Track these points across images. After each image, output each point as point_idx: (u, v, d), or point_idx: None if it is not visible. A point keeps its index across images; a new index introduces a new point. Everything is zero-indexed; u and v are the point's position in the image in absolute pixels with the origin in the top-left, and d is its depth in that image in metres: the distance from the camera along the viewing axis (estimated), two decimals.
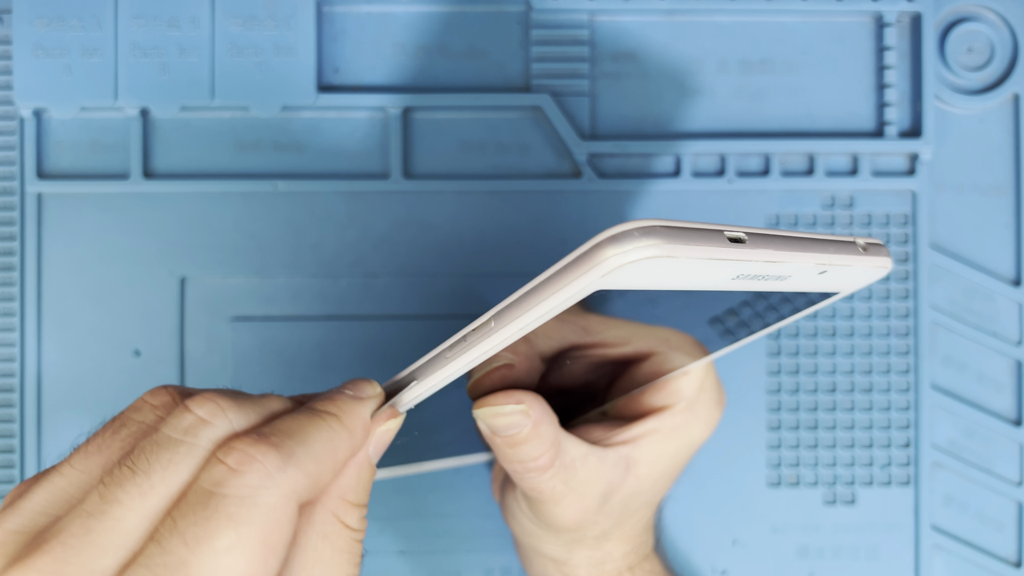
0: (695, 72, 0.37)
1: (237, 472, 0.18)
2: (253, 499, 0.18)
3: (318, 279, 0.36)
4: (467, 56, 0.37)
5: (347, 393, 0.22)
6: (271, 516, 0.18)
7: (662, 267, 0.17)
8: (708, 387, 0.29)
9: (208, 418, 0.19)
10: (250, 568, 0.17)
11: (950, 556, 0.37)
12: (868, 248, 0.21)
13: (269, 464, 0.18)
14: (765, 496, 0.37)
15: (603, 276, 0.17)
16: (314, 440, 0.19)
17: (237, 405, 0.20)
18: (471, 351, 0.20)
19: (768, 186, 0.37)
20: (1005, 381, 0.38)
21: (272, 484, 0.18)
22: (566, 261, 0.18)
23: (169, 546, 0.17)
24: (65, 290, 0.36)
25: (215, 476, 0.18)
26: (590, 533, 0.29)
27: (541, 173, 0.37)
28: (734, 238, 0.18)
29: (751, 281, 0.20)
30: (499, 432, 0.25)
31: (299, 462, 0.19)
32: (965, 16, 0.37)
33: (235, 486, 0.18)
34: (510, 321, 0.19)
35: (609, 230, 0.17)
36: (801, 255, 0.19)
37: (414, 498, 0.37)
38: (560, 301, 0.18)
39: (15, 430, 0.35)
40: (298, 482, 0.18)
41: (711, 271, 0.18)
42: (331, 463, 0.20)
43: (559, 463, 0.26)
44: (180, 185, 0.36)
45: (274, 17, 0.35)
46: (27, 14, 0.35)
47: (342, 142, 0.36)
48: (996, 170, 0.38)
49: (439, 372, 0.21)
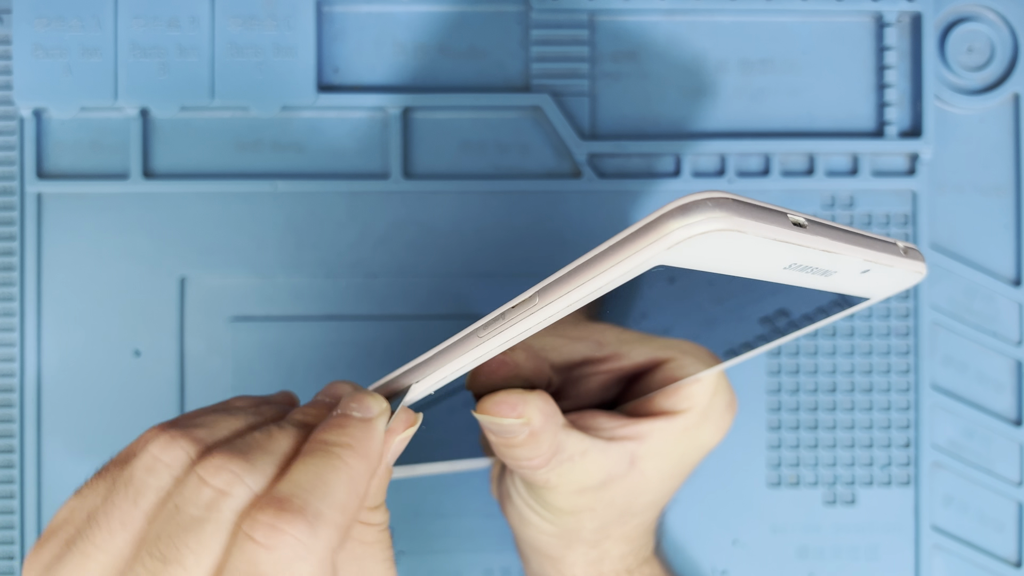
0: (695, 72, 0.37)
1: (269, 548, 0.18)
2: (291, 571, 0.18)
3: (318, 279, 0.36)
4: (467, 56, 0.37)
5: (355, 416, 0.21)
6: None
7: (726, 244, 0.16)
8: (721, 392, 0.29)
9: (226, 489, 0.19)
10: None
11: (950, 556, 0.37)
12: (907, 252, 0.21)
13: (299, 534, 0.18)
14: (765, 496, 0.37)
15: (668, 248, 0.16)
16: (336, 487, 0.19)
17: (250, 465, 0.19)
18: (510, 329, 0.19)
19: (768, 186, 0.37)
20: (1005, 381, 0.37)
21: (306, 551, 0.18)
22: (628, 232, 0.17)
23: None
24: (65, 290, 0.36)
25: (248, 555, 0.18)
26: (588, 523, 0.29)
27: (541, 173, 0.37)
28: (796, 222, 0.17)
29: (799, 273, 0.19)
30: (496, 434, 0.25)
31: (327, 520, 0.18)
32: (965, 16, 0.37)
33: (272, 562, 0.18)
34: (559, 296, 0.18)
35: (678, 200, 0.16)
36: (853, 248, 0.18)
37: (414, 498, 0.37)
38: (620, 274, 0.17)
39: (15, 430, 0.35)
40: (331, 539, 0.18)
41: (769, 255, 0.18)
42: (356, 502, 0.20)
43: (556, 460, 0.26)
44: (180, 185, 0.36)
45: (274, 17, 0.35)
46: (27, 14, 0.35)
47: (342, 142, 0.36)
48: (996, 170, 0.38)
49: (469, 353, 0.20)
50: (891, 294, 0.23)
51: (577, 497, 0.28)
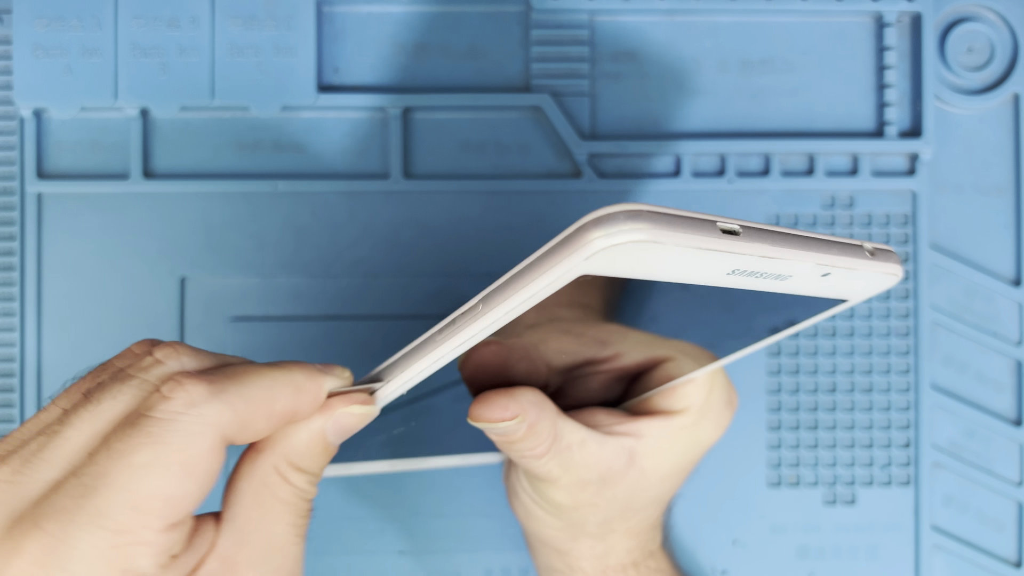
0: (695, 72, 0.37)
1: (165, 398, 0.19)
2: (174, 423, 0.19)
3: (318, 279, 0.36)
4: (467, 56, 0.37)
5: (316, 365, 0.22)
6: (190, 441, 0.19)
7: (649, 254, 0.17)
8: (718, 388, 0.29)
9: (163, 359, 0.21)
10: (164, 485, 0.19)
11: (950, 556, 0.37)
12: (876, 253, 0.20)
13: (195, 394, 0.19)
14: (765, 496, 0.37)
15: (587, 259, 0.17)
16: (251, 383, 0.20)
17: (194, 352, 0.21)
18: (460, 335, 0.20)
19: (768, 186, 0.37)
20: (1005, 381, 0.38)
21: (195, 412, 0.19)
22: (552, 244, 0.17)
23: (97, 458, 0.19)
24: (65, 290, 0.36)
25: (149, 401, 0.19)
26: (591, 518, 0.29)
27: (541, 173, 0.37)
28: (727, 230, 0.17)
29: (748, 279, 0.19)
30: (495, 434, 0.25)
31: (227, 399, 0.20)
32: (965, 16, 0.37)
33: (160, 410, 0.19)
34: (498, 304, 0.19)
35: (595, 212, 0.17)
36: (800, 253, 0.19)
37: (414, 498, 0.37)
38: (545, 284, 0.18)
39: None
40: (223, 416, 0.19)
41: (703, 263, 0.18)
42: (264, 409, 0.20)
43: (555, 448, 0.26)
44: (180, 185, 0.36)
45: (274, 17, 0.35)
46: (27, 14, 0.35)
47: (342, 142, 0.36)
48: (996, 170, 0.38)
49: (428, 356, 0.21)
50: (870, 295, 0.23)
51: (579, 492, 0.28)
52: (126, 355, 0.22)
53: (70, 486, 0.18)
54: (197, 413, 0.19)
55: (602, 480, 0.28)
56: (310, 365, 0.22)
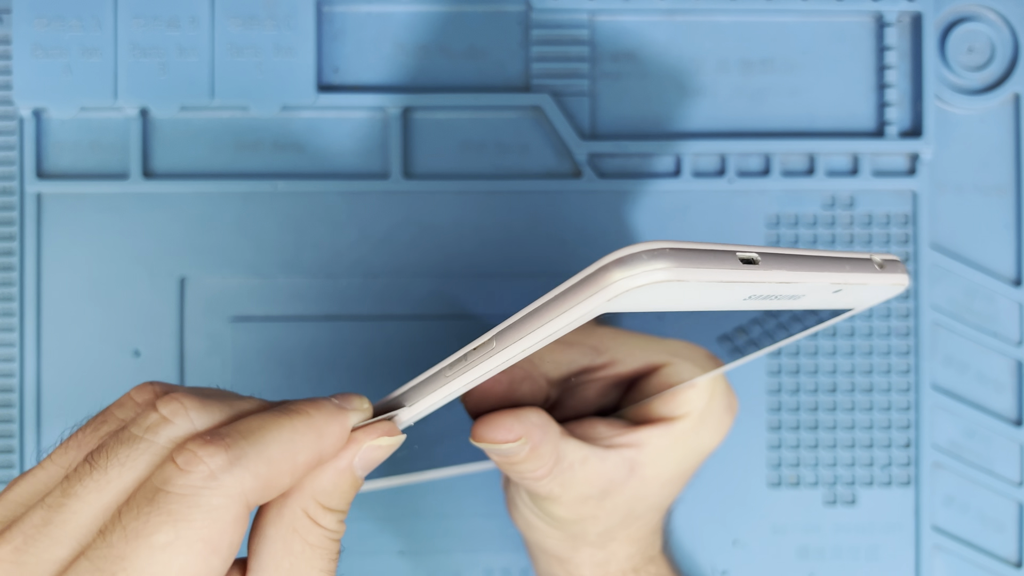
0: (695, 72, 0.37)
1: (183, 472, 0.18)
2: (195, 498, 0.18)
3: (318, 279, 0.36)
4: (467, 56, 0.37)
5: (332, 401, 0.21)
6: (213, 516, 0.18)
7: (672, 290, 0.17)
8: (718, 394, 0.29)
9: (170, 416, 0.19)
10: (188, 565, 0.17)
11: (951, 556, 0.37)
12: (885, 265, 0.20)
13: (214, 465, 0.18)
14: (765, 496, 0.37)
15: (609, 300, 0.16)
16: (271, 441, 0.19)
17: (202, 405, 0.20)
18: (471, 371, 0.20)
19: (768, 186, 0.37)
20: (1006, 381, 0.37)
21: (216, 485, 0.18)
22: (572, 282, 0.17)
23: (111, 539, 0.17)
24: (65, 290, 0.36)
25: (164, 474, 0.18)
26: (592, 529, 0.29)
27: (541, 173, 0.37)
28: (746, 259, 0.17)
29: (763, 301, 0.19)
30: (497, 455, 0.25)
31: (247, 464, 0.18)
32: (965, 16, 0.37)
33: (179, 485, 0.18)
34: (513, 342, 0.18)
35: (616, 252, 0.16)
36: (816, 275, 0.18)
37: (414, 498, 0.37)
38: (565, 324, 0.17)
39: (14, 430, 0.35)
40: (245, 484, 0.18)
41: (723, 292, 0.18)
42: (288, 465, 0.19)
43: (557, 469, 0.26)
44: (180, 185, 0.36)
45: (274, 17, 0.35)
46: (27, 14, 0.35)
47: (342, 142, 0.36)
48: (996, 170, 0.38)
49: (438, 392, 0.21)
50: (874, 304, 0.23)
51: (580, 506, 0.28)
52: (126, 404, 0.20)
53: (83, 570, 0.17)
54: (217, 485, 0.18)
55: (603, 493, 0.27)
56: (327, 403, 0.21)
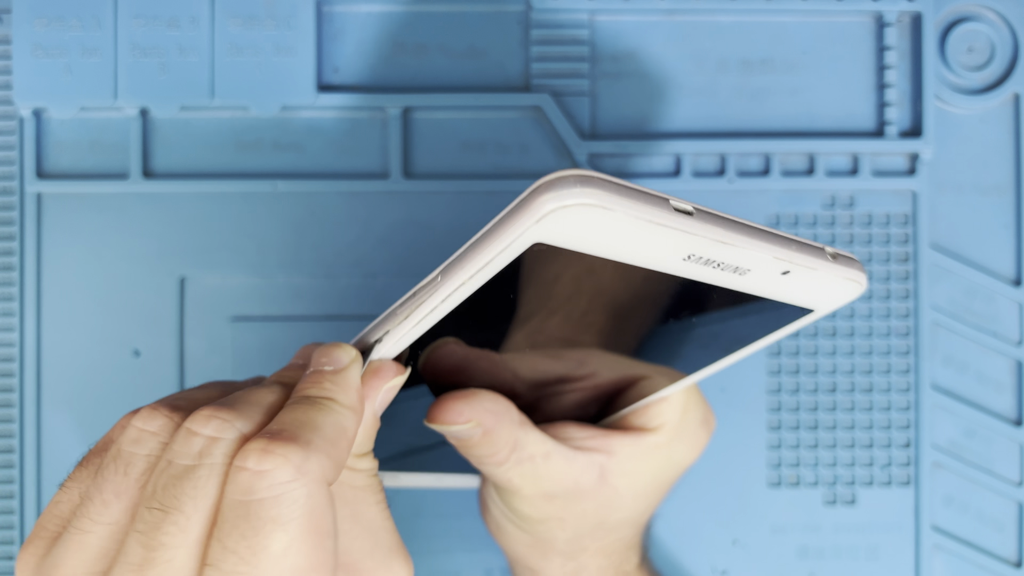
0: (695, 72, 0.37)
1: (261, 473, 0.17)
2: (288, 496, 0.17)
3: (318, 279, 0.36)
4: (467, 56, 0.37)
5: (327, 370, 0.21)
6: (311, 504, 0.18)
7: (601, 222, 0.17)
8: (693, 407, 0.29)
9: (216, 434, 0.19)
10: (310, 558, 0.17)
11: (950, 556, 0.37)
12: (837, 258, 0.20)
13: (293, 456, 0.18)
14: (765, 496, 0.37)
15: (537, 222, 0.17)
16: (323, 424, 0.19)
17: (237, 412, 0.19)
18: (423, 306, 0.20)
19: (768, 186, 0.37)
20: (1005, 381, 0.37)
21: (301, 475, 0.18)
22: (505, 210, 0.18)
23: (226, 567, 0.17)
24: (65, 290, 0.36)
25: (243, 486, 0.17)
26: (560, 534, 0.29)
27: (541, 173, 0.37)
28: (681, 208, 0.17)
29: (705, 268, 0.19)
30: (452, 438, 0.25)
31: (319, 447, 0.18)
32: (965, 16, 0.37)
33: (266, 488, 0.17)
34: (455, 272, 0.19)
35: (547, 176, 0.17)
36: (755, 243, 0.18)
37: (414, 498, 0.37)
38: (499, 250, 0.18)
39: (14, 430, 0.35)
40: (325, 466, 0.18)
41: (657, 242, 0.18)
42: (345, 442, 0.20)
43: (515, 458, 0.26)
44: (180, 185, 0.36)
45: (274, 17, 0.35)
46: (27, 14, 0.35)
47: (342, 142, 0.36)
48: (996, 170, 0.38)
49: (400, 327, 0.21)
50: (837, 306, 0.22)
51: (545, 504, 0.27)
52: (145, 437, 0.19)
53: None
54: (303, 475, 0.18)
55: (569, 495, 0.27)
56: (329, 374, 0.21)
